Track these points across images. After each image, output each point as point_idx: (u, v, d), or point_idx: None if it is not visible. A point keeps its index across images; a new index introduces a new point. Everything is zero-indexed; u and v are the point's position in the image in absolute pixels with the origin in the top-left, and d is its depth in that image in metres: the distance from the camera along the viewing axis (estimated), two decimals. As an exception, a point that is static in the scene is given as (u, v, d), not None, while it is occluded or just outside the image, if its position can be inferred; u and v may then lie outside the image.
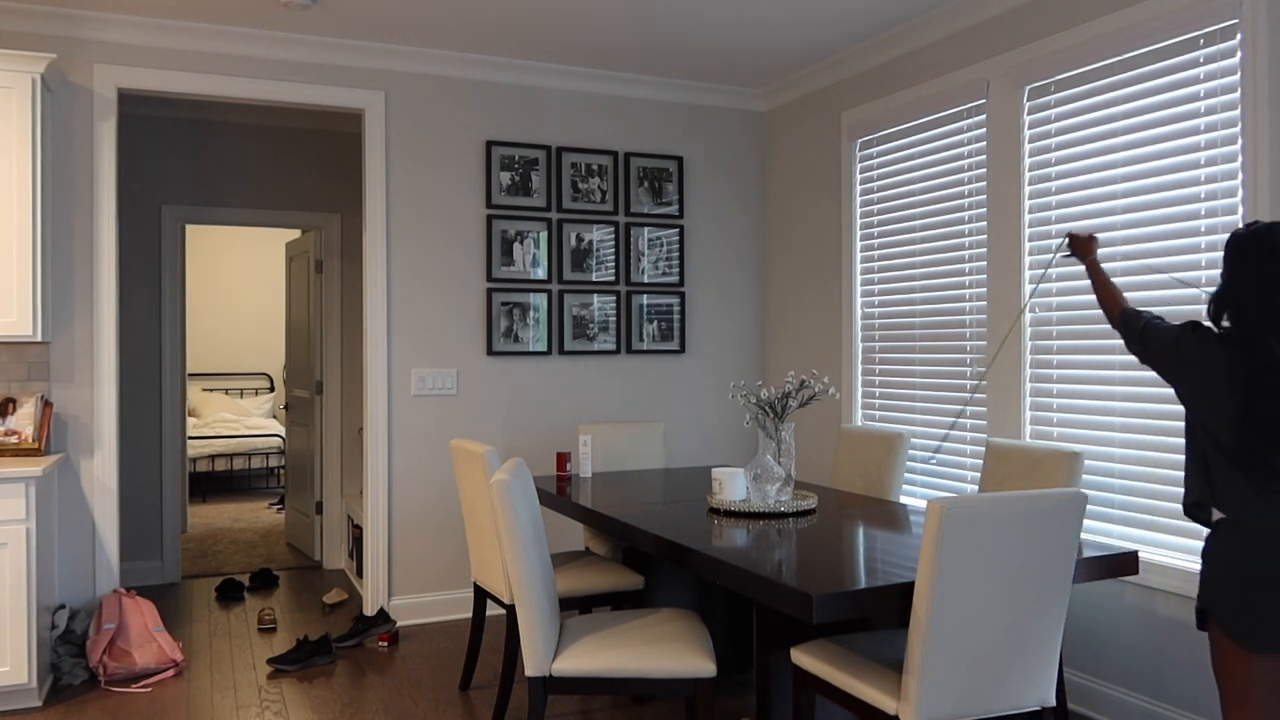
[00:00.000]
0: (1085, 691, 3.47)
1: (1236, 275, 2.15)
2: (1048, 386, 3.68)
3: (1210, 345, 2.16)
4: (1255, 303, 2.09)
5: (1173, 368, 2.25)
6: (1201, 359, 2.17)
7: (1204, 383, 2.16)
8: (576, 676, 2.69)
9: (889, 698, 2.27)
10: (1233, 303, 2.15)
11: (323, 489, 5.93)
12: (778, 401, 3.28)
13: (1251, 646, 2.10)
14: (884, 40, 4.44)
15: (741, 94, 5.37)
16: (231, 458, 8.86)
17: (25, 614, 3.48)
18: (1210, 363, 2.14)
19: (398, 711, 3.56)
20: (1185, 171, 3.17)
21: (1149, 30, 3.25)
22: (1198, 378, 2.18)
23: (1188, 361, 2.20)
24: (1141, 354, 2.38)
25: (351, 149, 5.96)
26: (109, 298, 4.18)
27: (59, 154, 4.12)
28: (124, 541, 5.43)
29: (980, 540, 2.16)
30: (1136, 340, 2.40)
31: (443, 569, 4.77)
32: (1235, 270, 2.15)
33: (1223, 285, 2.19)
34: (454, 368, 4.77)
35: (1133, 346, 2.42)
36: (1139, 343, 2.39)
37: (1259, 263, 2.10)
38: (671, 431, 5.26)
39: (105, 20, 4.13)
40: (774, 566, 2.45)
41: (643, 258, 5.16)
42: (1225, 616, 2.13)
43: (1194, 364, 2.18)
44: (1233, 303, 2.15)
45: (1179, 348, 2.23)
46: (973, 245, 4.05)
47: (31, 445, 3.84)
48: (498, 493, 2.66)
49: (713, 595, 3.82)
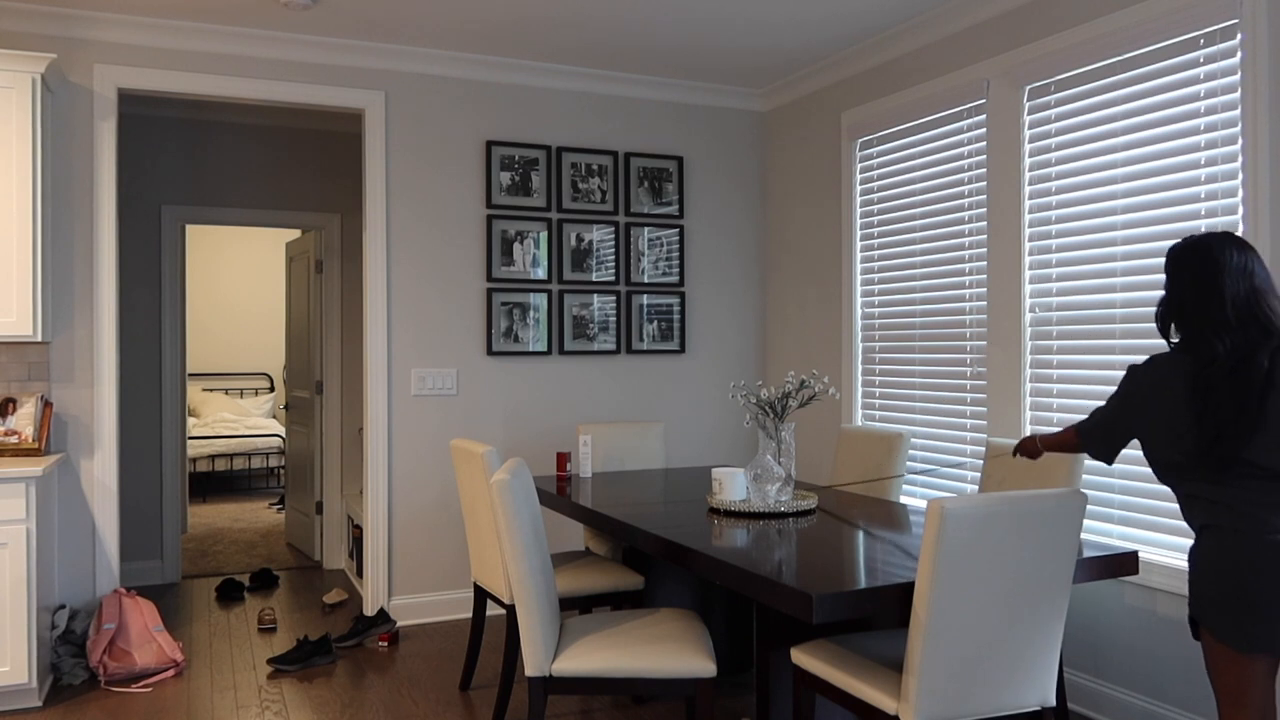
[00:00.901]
0: (1085, 691, 3.47)
1: (1175, 284, 2.22)
2: (1048, 386, 3.68)
3: (1157, 363, 2.23)
4: (1193, 306, 2.17)
5: (1136, 413, 2.26)
6: (1152, 378, 2.22)
7: (1161, 399, 2.19)
8: (576, 676, 2.69)
9: (889, 698, 2.27)
10: (1175, 311, 2.22)
11: (323, 489, 5.93)
12: (778, 401, 3.28)
13: (1243, 648, 2.09)
14: (884, 40, 4.44)
15: (741, 94, 5.37)
16: (231, 458, 8.86)
17: (25, 614, 3.48)
18: (1162, 377, 2.20)
19: (398, 711, 3.56)
20: (1185, 171, 3.17)
21: (1149, 30, 3.25)
22: (1155, 399, 2.21)
23: (1142, 392, 2.24)
24: (1108, 437, 2.35)
25: (351, 149, 5.96)
26: (109, 298, 4.18)
27: (59, 154, 4.12)
28: (124, 541, 5.44)
29: (980, 540, 2.16)
30: (1100, 435, 2.37)
31: (443, 569, 4.77)
32: (1174, 280, 2.23)
33: (1165, 297, 2.26)
34: (454, 368, 4.77)
35: (1100, 445, 2.38)
36: (1103, 433, 2.36)
37: (1196, 269, 2.17)
38: (671, 431, 5.26)
39: (105, 20, 4.13)
40: (774, 566, 2.45)
41: (643, 258, 5.16)
42: (1216, 620, 2.13)
43: (1148, 390, 2.22)
44: (1175, 311, 2.22)
45: (1129, 393, 2.28)
46: (973, 245, 4.05)
47: (31, 445, 3.84)
48: (498, 492, 2.66)
49: (713, 595, 3.82)
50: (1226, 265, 2.13)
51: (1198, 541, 2.18)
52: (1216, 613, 2.12)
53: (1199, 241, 2.19)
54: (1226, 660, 2.13)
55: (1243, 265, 2.13)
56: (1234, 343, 2.09)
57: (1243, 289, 2.12)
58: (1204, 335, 2.13)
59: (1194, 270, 2.17)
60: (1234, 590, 2.08)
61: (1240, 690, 2.12)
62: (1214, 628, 2.13)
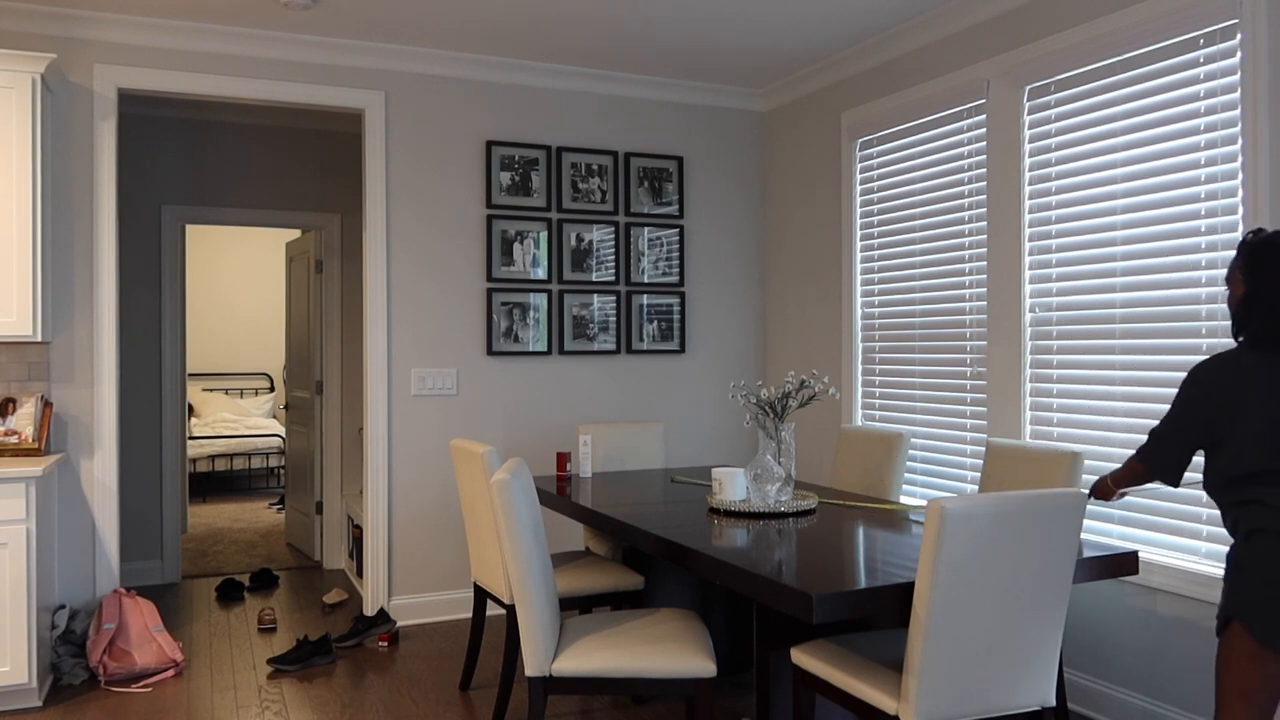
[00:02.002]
0: (1085, 691, 3.47)
1: (1259, 280, 2.16)
2: (1048, 386, 3.68)
3: (1224, 361, 2.19)
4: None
5: (1205, 418, 2.20)
6: (1223, 378, 2.17)
7: (1236, 399, 2.15)
8: (576, 676, 2.69)
9: (889, 698, 2.27)
10: (1264, 307, 2.16)
11: (323, 489, 5.93)
12: (778, 401, 3.28)
13: (1276, 647, 2.10)
14: (884, 40, 4.44)
15: (741, 94, 5.37)
16: (231, 458, 8.86)
17: (25, 614, 3.48)
18: (1237, 375, 2.16)
19: (398, 711, 3.56)
20: (1185, 171, 3.17)
21: (1149, 30, 3.25)
22: (1230, 399, 2.16)
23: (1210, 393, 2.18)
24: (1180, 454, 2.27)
25: (351, 149, 5.96)
26: (109, 298, 4.18)
27: (59, 154, 4.12)
28: (124, 541, 5.44)
29: (980, 540, 2.16)
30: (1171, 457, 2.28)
31: (443, 569, 4.77)
32: (1257, 276, 2.17)
33: (1248, 292, 2.19)
34: (454, 368, 4.77)
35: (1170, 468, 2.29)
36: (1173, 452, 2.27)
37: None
38: (671, 431, 5.26)
39: (105, 20, 4.13)
40: (774, 566, 2.45)
41: (643, 258, 5.16)
42: (1253, 617, 2.13)
43: (1218, 390, 2.18)
44: (1264, 307, 2.16)
45: (1193, 398, 2.22)
46: (973, 245, 4.05)
47: (31, 445, 3.84)
48: (498, 492, 2.66)
49: (713, 595, 3.82)
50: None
51: (1245, 545, 2.16)
52: (1256, 611, 2.12)
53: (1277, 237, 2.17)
54: (1250, 656, 2.14)
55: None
56: None
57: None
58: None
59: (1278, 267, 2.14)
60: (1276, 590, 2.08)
61: (1254, 689, 2.14)
62: (1250, 624, 2.12)
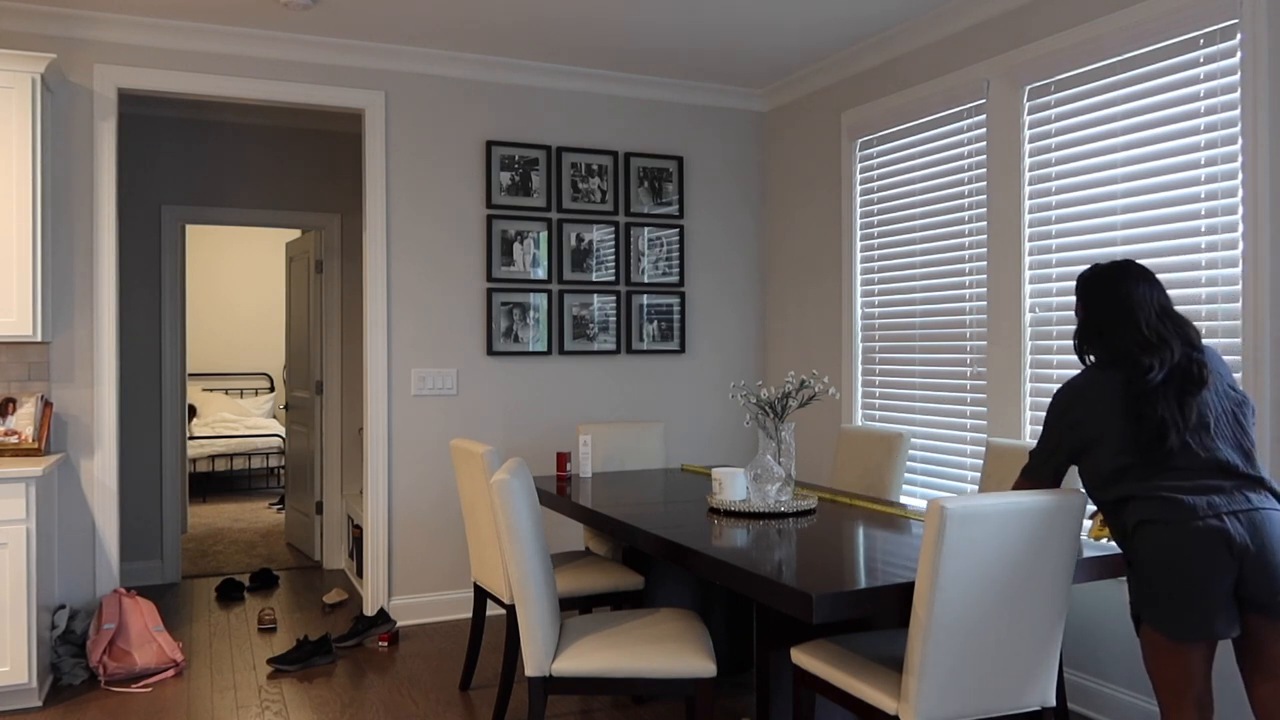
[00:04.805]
0: (1085, 691, 3.47)
1: (1092, 310, 2.42)
2: (1048, 387, 3.68)
3: (1084, 382, 2.35)
4: (1111, 329, 2.35)
5: (1078, 430, 2.33)
6: (1087, 396, 2.33)
7: (1100, 412, 2.29)
8: (576, 676, 2.69)
9: (889, 698, 2.27)
10: (1094, 333, 2.40)
11: (323, 489, 5.93)
12: (778, 401, 3.28)
13: (1180, 637, 2.14)
14: (884, 40, 4.44)
15: (741, 94, 5.37)
16: (231, 458, 8.86)
17: (25, 614, 3.48)
18: (1097, 393, 2.31)
19: (398, 711, 3.56)
20: (1185, 171, 3.17)
21: (1149, 30, 3.25)
22: (1094, 412, 2.30)
23: (1079, 410, 2.33)
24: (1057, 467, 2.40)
25: (351, 149, 5.96)
26: (109, 298, 4.18)
27: (59, 154, 4.12)
28: (124, 541, 5.44)
29: (980, 540, 2.16)
30: (1049, 471, 2.41)
31: (443, 569, 4.77)
32: (1090, 306, 2.42)
33: (1083, 321, 2.44)
34: (454, 368, 4.77)
35: (1049, 480, 2.42)
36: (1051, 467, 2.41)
37: (1108, 296, 2.38)
38: (671, 431, 5.26)
39: (105, 20, 4.13)
40: (774, 566, 2.45)
41: (643, 258, 5.16)
42: (1156, 612, 2.17)
43: (1085, 407, 2.32)
44: (1094, 333, 2.40)
45: (1064, 414, 2.37)
46: (973, 245, 4.05)
47: (31, 445, 3.84)
48: (498, 492, 2.66)
49: (713, 595, 3.82)
50: (1134, 291, 2.35)
51: (1134, 538, 2.22)
52: (1157, 605, 2.17)
53: (1104, 271, 2.42)
54: (1167, 652, 2.18)
55: (1146, 292, 2.35)
56: (1160, 356, 2.26)
57: (1154, 312, 2.33)
58: (1130, 352, 2.30)
59: (1106, 297, 2.39)
60: (1172, 580, 2.14)
61: (1181, 682, 2.18)
62: (1155, 620, 2.18)
